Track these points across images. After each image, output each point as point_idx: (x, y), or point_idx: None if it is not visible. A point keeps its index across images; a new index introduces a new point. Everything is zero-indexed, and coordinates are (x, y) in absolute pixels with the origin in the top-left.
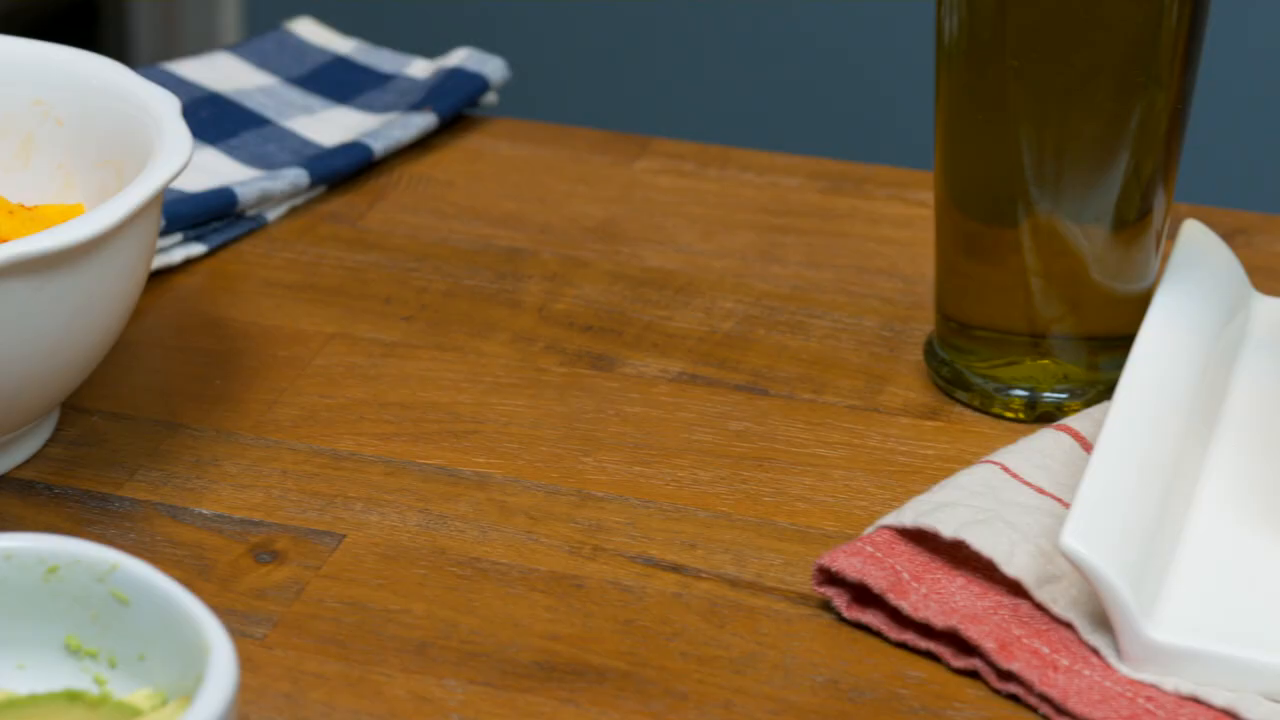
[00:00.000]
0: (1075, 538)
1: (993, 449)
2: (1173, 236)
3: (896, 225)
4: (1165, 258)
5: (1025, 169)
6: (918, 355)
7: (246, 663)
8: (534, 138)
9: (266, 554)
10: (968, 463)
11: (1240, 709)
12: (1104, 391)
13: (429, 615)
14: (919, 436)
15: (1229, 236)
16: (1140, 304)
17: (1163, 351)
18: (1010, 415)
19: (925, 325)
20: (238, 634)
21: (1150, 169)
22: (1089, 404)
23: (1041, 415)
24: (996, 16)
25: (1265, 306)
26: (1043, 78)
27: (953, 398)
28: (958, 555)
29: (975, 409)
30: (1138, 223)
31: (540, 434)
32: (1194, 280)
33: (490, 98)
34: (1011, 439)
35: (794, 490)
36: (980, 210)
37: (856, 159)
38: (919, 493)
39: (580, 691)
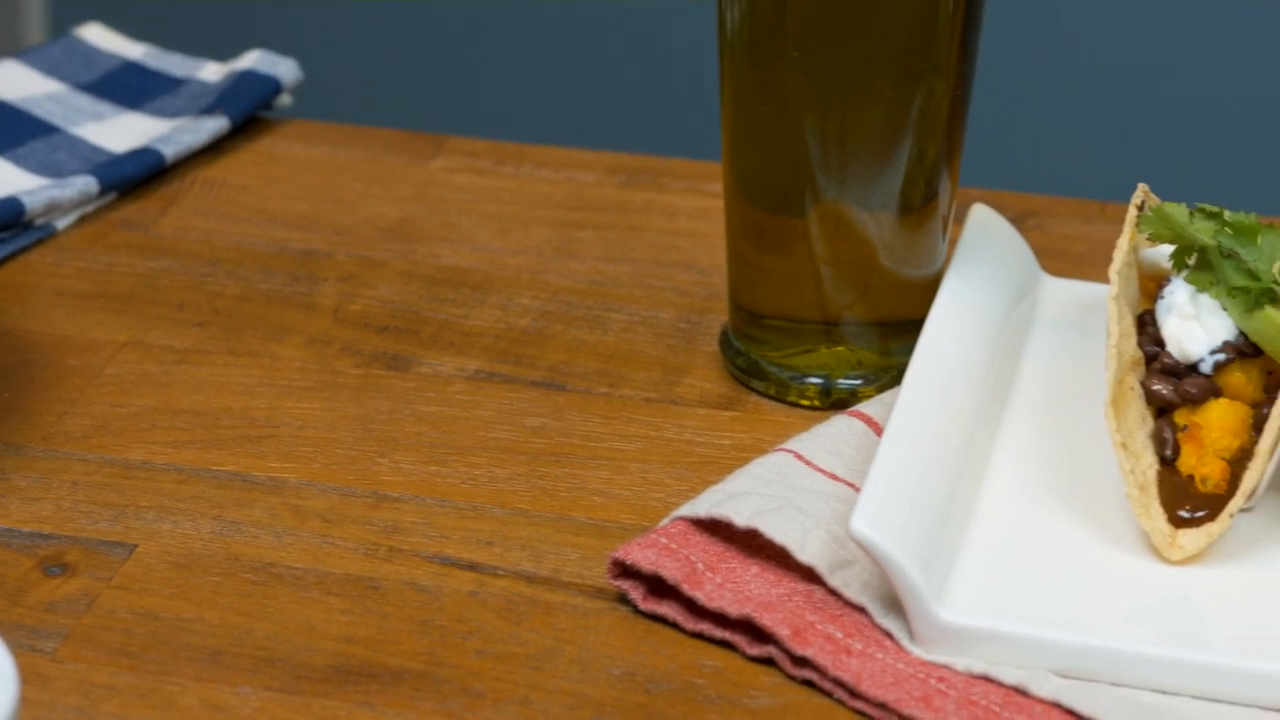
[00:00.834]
0: (864, 523)
1: (788, 437)
2: (961, 221)
3: (693, 218)
4: (953, 242)
5: (810, 158)
6: (714, 346)
7: (35, 678)
8: (328, 139)
9: (56, 567)
10: (764, 452)
11: (1030, 685)
12: (897, 376)
13: (222, 623)
14: (715, 427)
15: (1020, 220)
16: (930, 288)
17: (951, 335)
18: (805, 403)
19: (722, 316)
20: (26, 649)
21: (934, 155)
22: (883, 389)
23: (836, 402)
24: (776, 8)
25: (1054, 288)
26: (824, 67)
27: (749, 388)
28: (752, 544)
29: (771, 398)
30: (924, 208)
31: (336, 436)
32: (982, 264)
33: (283, 99)
34: (807, 427)
35: (591, 484)
36: (768, 200)
37: (653, 153)
38: (715, 483)
39: (376, 694)
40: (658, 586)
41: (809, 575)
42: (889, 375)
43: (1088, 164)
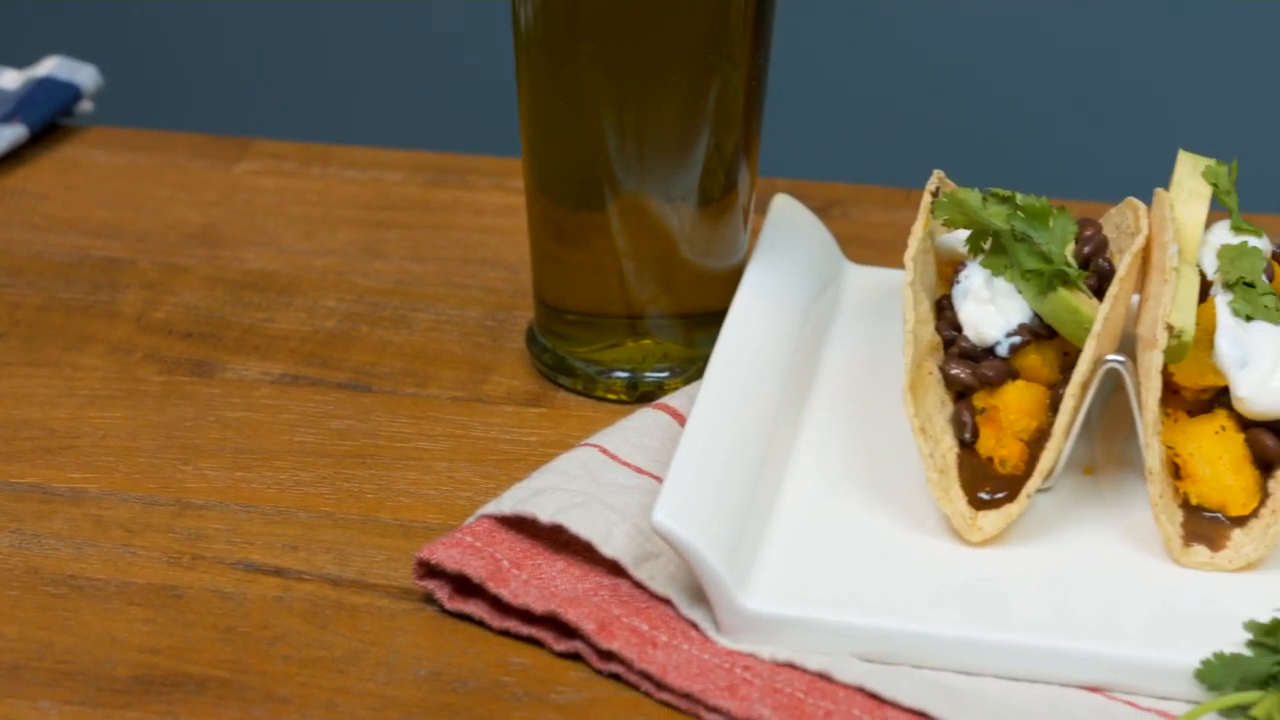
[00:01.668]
0: (666, 515)
1: (595, 432)
2: (763, 211)
3: (499, 214)
4: (756, 233)
5: (608, 152)
6: (521, 344)
7: None
8: (131, 145)
9: None
10: (570, 447)
11: (834, 671)
12: (704, 368)
13: (21, 637)
14: (522, 424)
15: (824, 208)
16: (733, 280)
17: (753, 325)
18: (613, 397)
19: (529, 313)
20: None
21: (731, 146)
22: (689, 381)
23: (643, 395)
24: (569, 3)
25: (857, 275)
26: (618, 61)
27: (556, 384)
28: (558, 539)
29: (578, 393)
30: (723, 199)
31: (138, 445)
32: (784, 253)
33: (84, 106)
34: (613, 421)
35: (397, 485)
36: (568, 196)
37: (459, 150)
38: (522, 480)
39: (179, 703)
40: (463, 585)
41: (614, 569)
42: (695, 367)
43: (892, 152)
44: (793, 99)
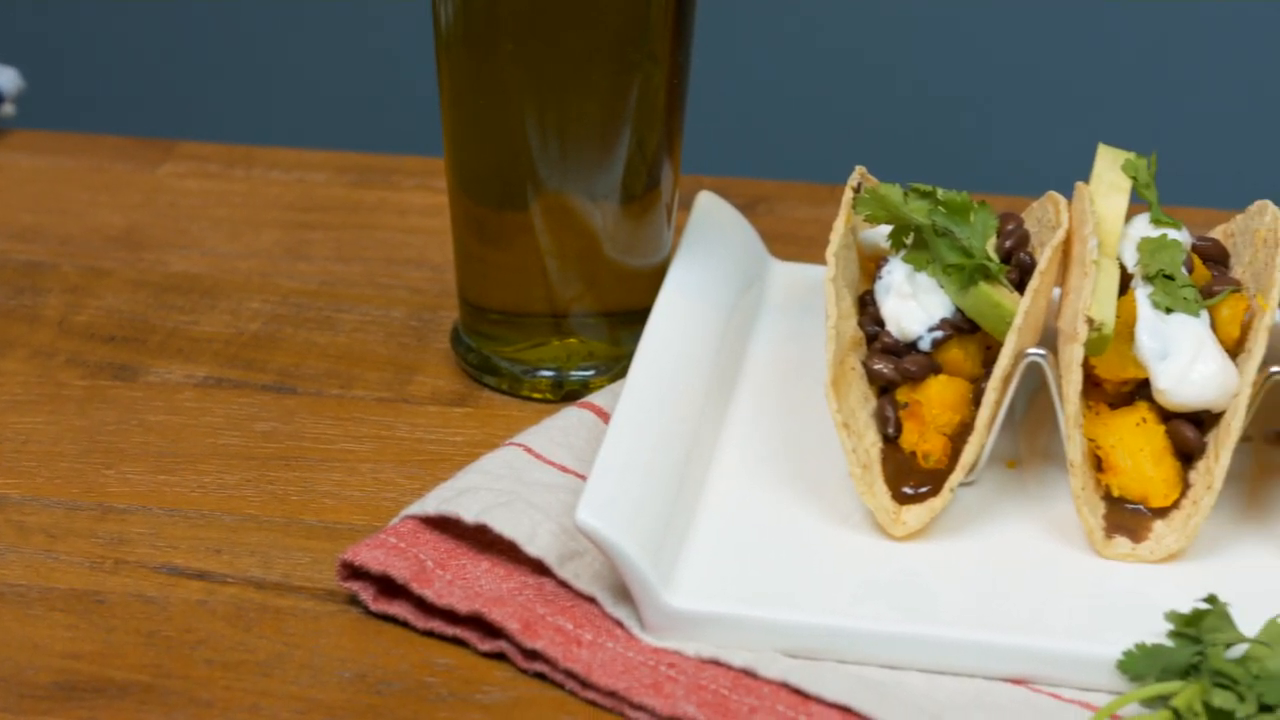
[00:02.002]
0: (589, 513)
1: (520, 431)
2: (688, 209)
3: (425, 214)
4: (680, 230)
5: (530, 151)
6: (446, 344)
7: None
8: (54, 148)
9: None
10: (495, 447)
11: (758, 667)
12: (629, 366)
13: None
14: (447, 424)
15: (750, 205)
16: (657, 277)
17: (677, 323)
18: (538, 396)
19: (454, 313)
20: None
21: (654, 143)
22: (615, 379)
23: (569, 394)
24: (489, 1)
25: (782, 272)
26: (539, 60)
27: (482, 384)
28: (482, 539)
29: (504, 393)
30: (646, 197)
31: (60, 450)
32: (708, 251)
33: (5, 110)
34: (539, 420)
35: (322, 487)
36: (490, 195)
37: (384, 150)
38: (447, 480)
39: (101, 709)
40: (388, 586)
41: (539, 568)
42: (621, 366)
43: (819, 148)
44: (719, 96)
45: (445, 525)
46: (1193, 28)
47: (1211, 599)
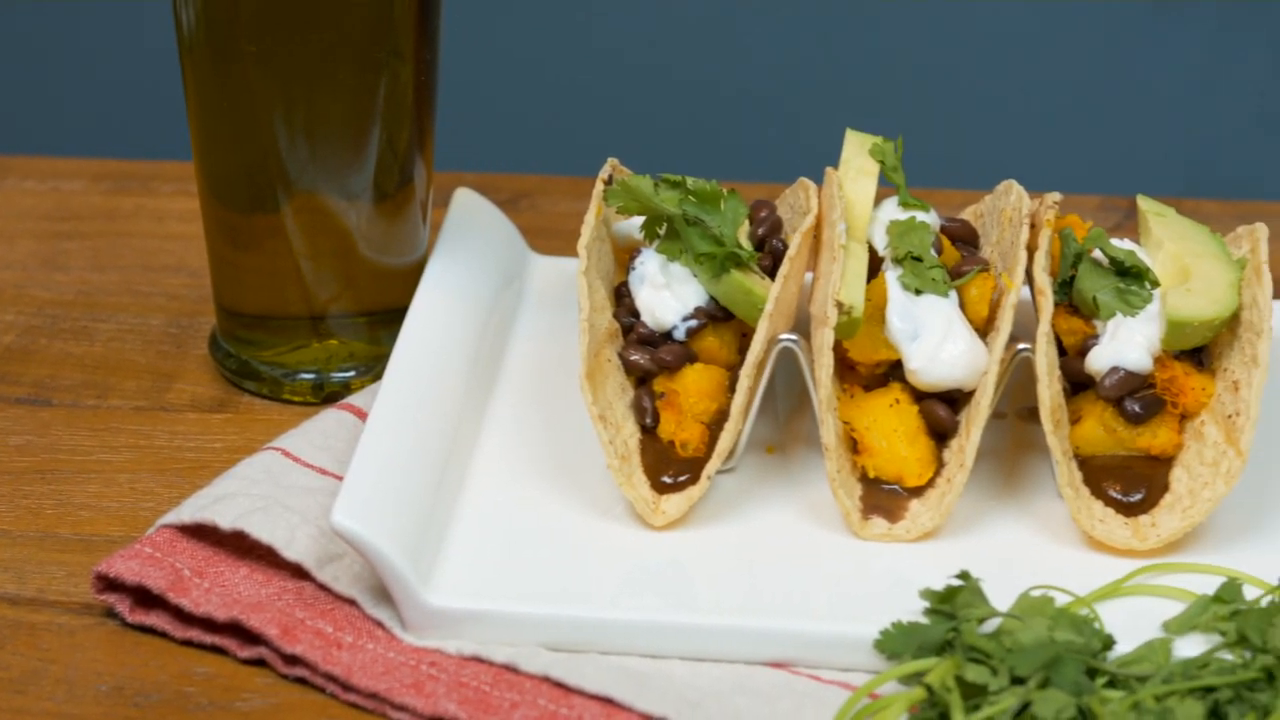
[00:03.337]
0: (345, 515)
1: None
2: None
3: (183, 220)
4: (438, 228)
5: (279, 153)
6: (205, 350)
7: None
8: None
9: None
10: (255, 452)
11: (520, 662)
12: None
13: None
14: (207, 431)
15: (513, 200)
16: (414, 276)
17: (435, 321)
18: (299, 399)
19: (213, 319)
20: None
21: (405, 141)
22: (377, 380)
23: (330, 396)
24: (230, 3)
25: (544, 266)
26: (283, 60)
27: (242, 389)
28: (241, 546)
29: (265, 397)
30: (399, 194)
31: None
32: (466, 248)
33: None
34: (299, 423)
35: (78, 499)
36: (240, 199)
37: (142, 157)
38: (204, 488)
39: None
40: (145, 597)
41: (299, 572)
42: (382, 366)
43: (581, 142)
44: (482, 92)
45: (202, 533)
46: (936, 10)
47: (964, 575)
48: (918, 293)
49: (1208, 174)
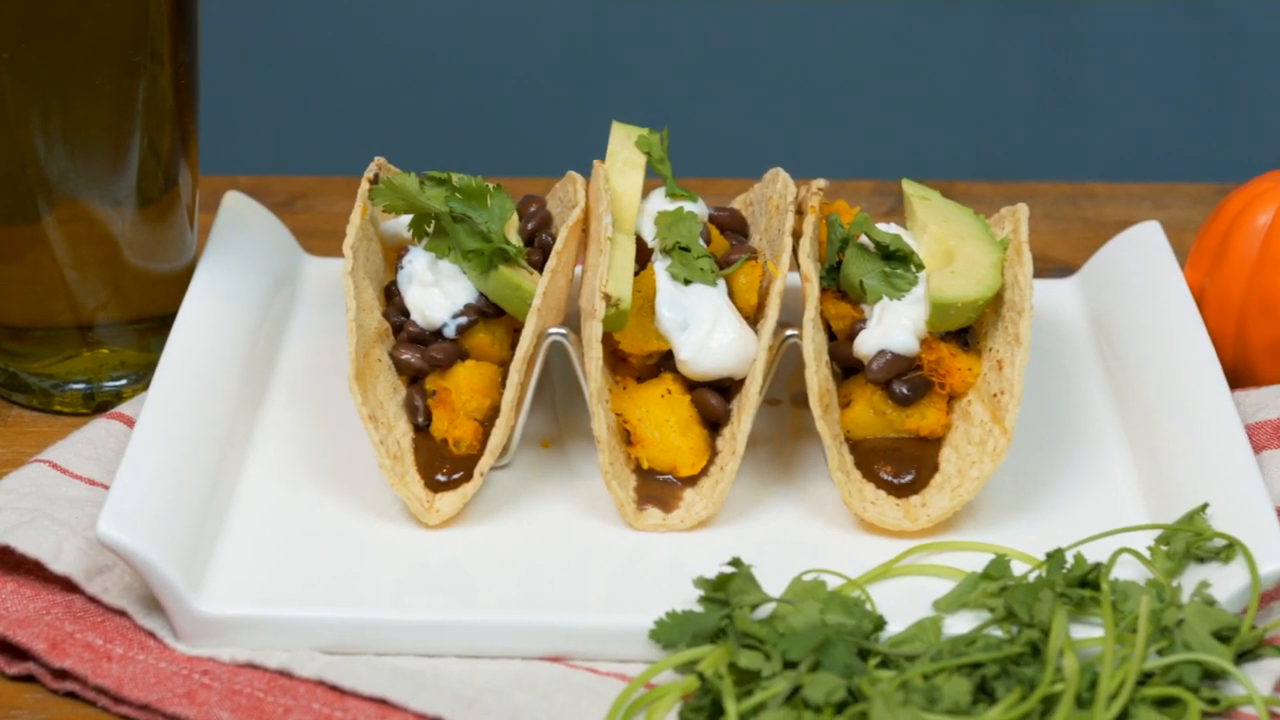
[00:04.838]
0: (110, 525)
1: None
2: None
3: None
4: (206, 232)
5: (37, 161)
6: None
7: None
8: None
9: None
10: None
11: (294, 667)
12: None
13: None
14: None
15: (289, 202)
16: (183, 281)
17: (205, 326)
18: (70, 410)
19: None
20: None
21: (167, 145)
22: (150, 387)
23: (101, 405)
24: None
25: (319, 268)
26: (36, 66)
27: (11, 401)
28: (8, 561)
29: (35, 409)
30: (163, 199)
31: None
32: (236, 251)
33: None
34: (69, 434)
35: None
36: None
37: None
38: None
39: None
40: None
41: (68, 585)
42: (154, 373)
43: (356, 142)
44: (258, 94)
45: None
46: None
47: (736, 562)
48: (686, 283)
49: (989, 158)
